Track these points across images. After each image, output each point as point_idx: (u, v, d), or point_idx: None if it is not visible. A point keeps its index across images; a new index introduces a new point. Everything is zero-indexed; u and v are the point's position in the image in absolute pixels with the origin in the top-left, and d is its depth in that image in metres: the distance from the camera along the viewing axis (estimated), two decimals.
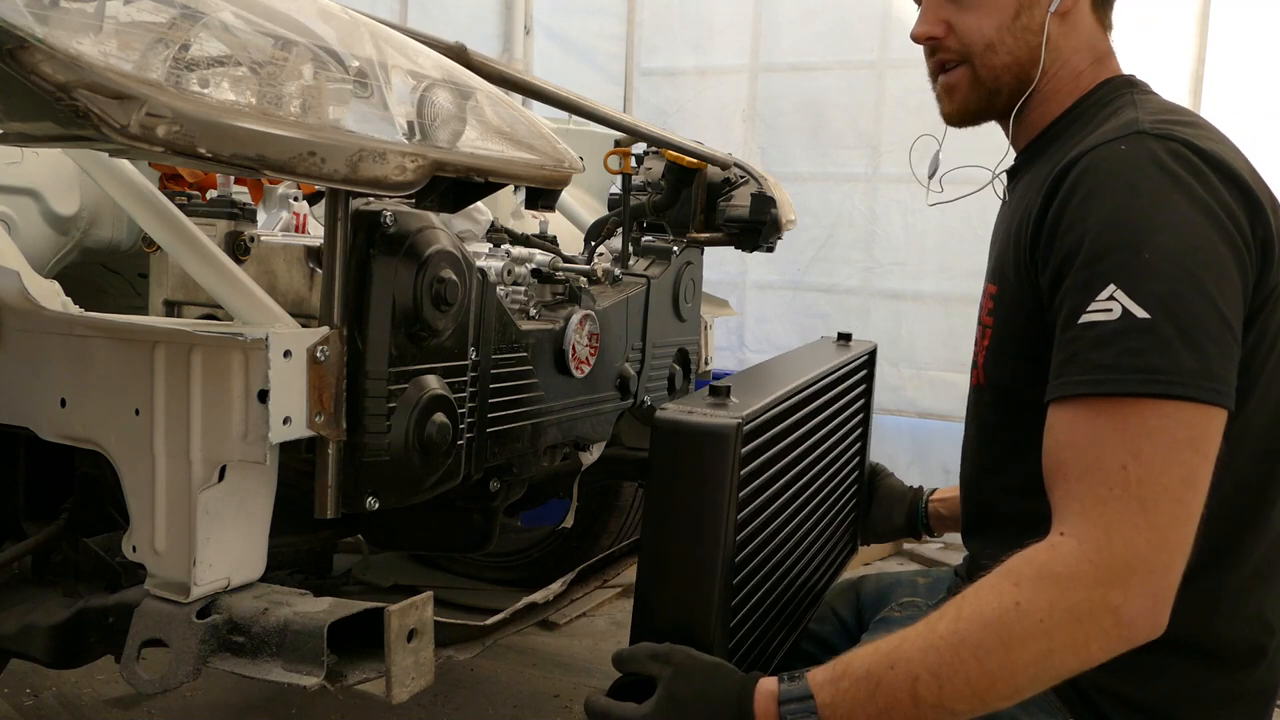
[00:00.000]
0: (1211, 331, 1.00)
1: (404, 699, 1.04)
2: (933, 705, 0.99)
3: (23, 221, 1.65)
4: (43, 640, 1.17)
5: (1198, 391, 0.98)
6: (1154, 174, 1.05)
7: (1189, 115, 1.19)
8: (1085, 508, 0.99)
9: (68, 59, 0.77)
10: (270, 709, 2.44)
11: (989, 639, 0.98)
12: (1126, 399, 0.99)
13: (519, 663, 2.75)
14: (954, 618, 1.00)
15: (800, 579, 1.44)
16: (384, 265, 1.13)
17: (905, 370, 4.14)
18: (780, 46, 4.35)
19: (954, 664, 0.98)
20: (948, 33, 1.29)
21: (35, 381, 1.12)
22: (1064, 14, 1.26)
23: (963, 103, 1.31)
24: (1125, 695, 1.15)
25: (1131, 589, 0.97)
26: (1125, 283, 1.01)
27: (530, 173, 1.17)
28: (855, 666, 1.02)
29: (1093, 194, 1.06)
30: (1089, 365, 1.02)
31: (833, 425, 1.54)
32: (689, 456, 1.12)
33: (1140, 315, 0.99)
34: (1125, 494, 0.97)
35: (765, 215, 2.12)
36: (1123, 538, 0.97)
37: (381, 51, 1.02)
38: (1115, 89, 1.26)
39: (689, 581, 1.13)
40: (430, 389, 1.18)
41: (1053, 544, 1.00)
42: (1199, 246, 1.02)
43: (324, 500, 1.09)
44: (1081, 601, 0.97)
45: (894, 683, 0.99)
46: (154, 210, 1.22)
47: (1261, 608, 1.15)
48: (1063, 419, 1.05)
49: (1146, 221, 1.02)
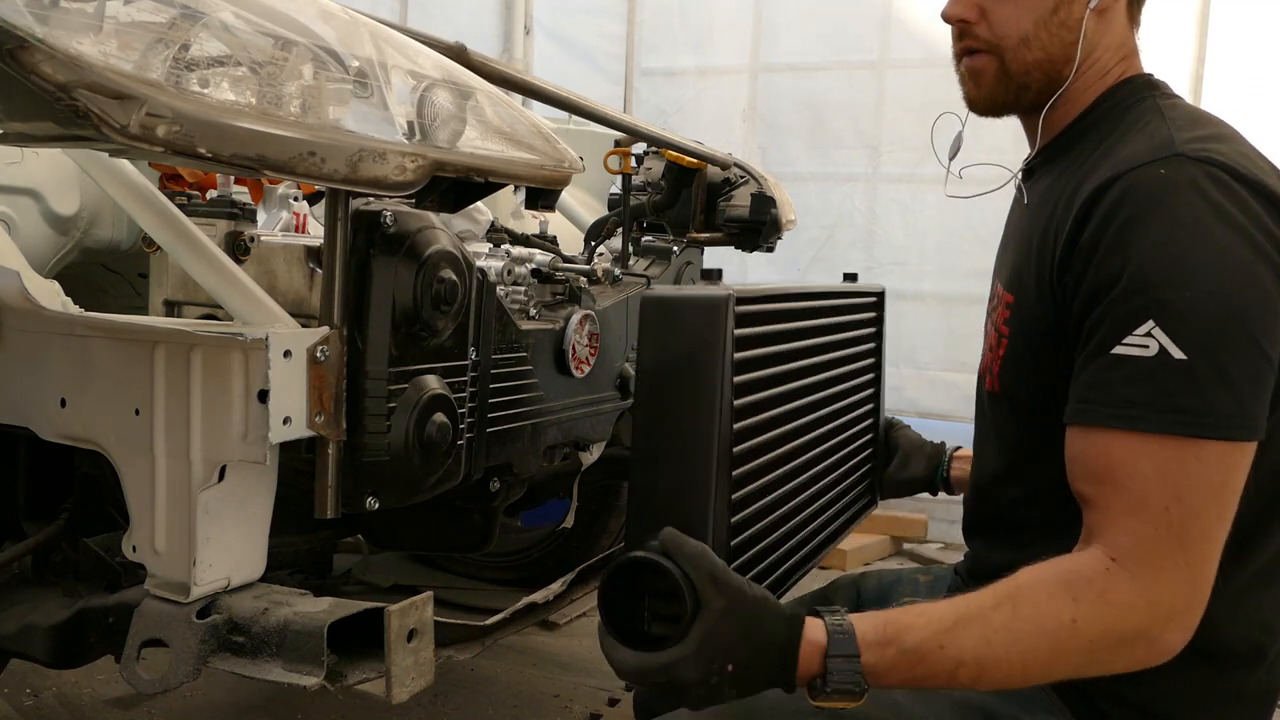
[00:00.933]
0: (1249, 370, 1.01)
1: (404, 699, 1.04)
2: (965, 684, 1.03)
3: (23, 221, 1.65)
4: (43, 640, 1.17)
5: (1230, 431, 1.01)
6: (1196, 203, 1.03)
7: (1217, 126, 1.16)
8: (1136, 543, 1.02)
9: (68, 59, 0.77)
10: (270, 709, 2.44)
11: (1041, 647, 1.01)
12: (1165, 438, 1.01)
13: (519, 663, 2.75)
14: (1010, 614, 1.02)
15: (810, 509, 1.41)
16: (384, 265, 1.12)
17: (905, 370, 4.14)
18: (780, 46, 4.35)
19: (1000, 660, 1.01)
20: (980, 18, 1.24)
21: (35, 381, 1.13)
22: (1102, 11, 1.22)
23: (989, 93, 1.27)
24: (1126, 695, 1.15)
25: (1172, 625, 1.02)
26: (1165, 321, 1.00)
27: (530, 173, 1.17)
28: (907, 639, 1.01)
29: (1133, 222, 1.05)
30: (1121, 400, 1.03)
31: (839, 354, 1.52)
32: (679, 329, 1.08)
33: (1177, 356, 1.00)
34: (1170, 535, 1.01)
35: (765, 215, 2.12)
36: (1169, 579, 1.01)
37: (381, 51, 1.02)
38: (1136, 90, 1.23)
39: (684, 463, 1.07)
40: (430, 389, 1.18)
41: (1109, 570, 1.02)
42: (1244, 283, 1.01)
43: (324, 500, 1.09)
44: (1129, 632, 1.02)
45: (939, 661, 1.01)
46: (154, 210, 1.22)
47: (1262, 610, 1.16)
48: (1095, 445, 1.06)
49: (1190, 256, 1.01)
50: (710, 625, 0.97)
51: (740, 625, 0.99)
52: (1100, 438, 1.05)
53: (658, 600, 1.01)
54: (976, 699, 1.19)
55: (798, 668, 1.00)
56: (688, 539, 1.01)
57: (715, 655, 0.98)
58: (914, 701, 1.19)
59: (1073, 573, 1.03)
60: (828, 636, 1.01)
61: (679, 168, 2.10)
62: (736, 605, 0.99)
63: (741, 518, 1.15)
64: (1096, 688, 1.15)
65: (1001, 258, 1.35)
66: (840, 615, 1.03)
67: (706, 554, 1.00)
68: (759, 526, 1.22)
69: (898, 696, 1.20)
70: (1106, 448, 1.05)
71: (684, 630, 0.97)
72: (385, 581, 2.95)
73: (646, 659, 0.99)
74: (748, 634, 0.99)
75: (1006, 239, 1.36)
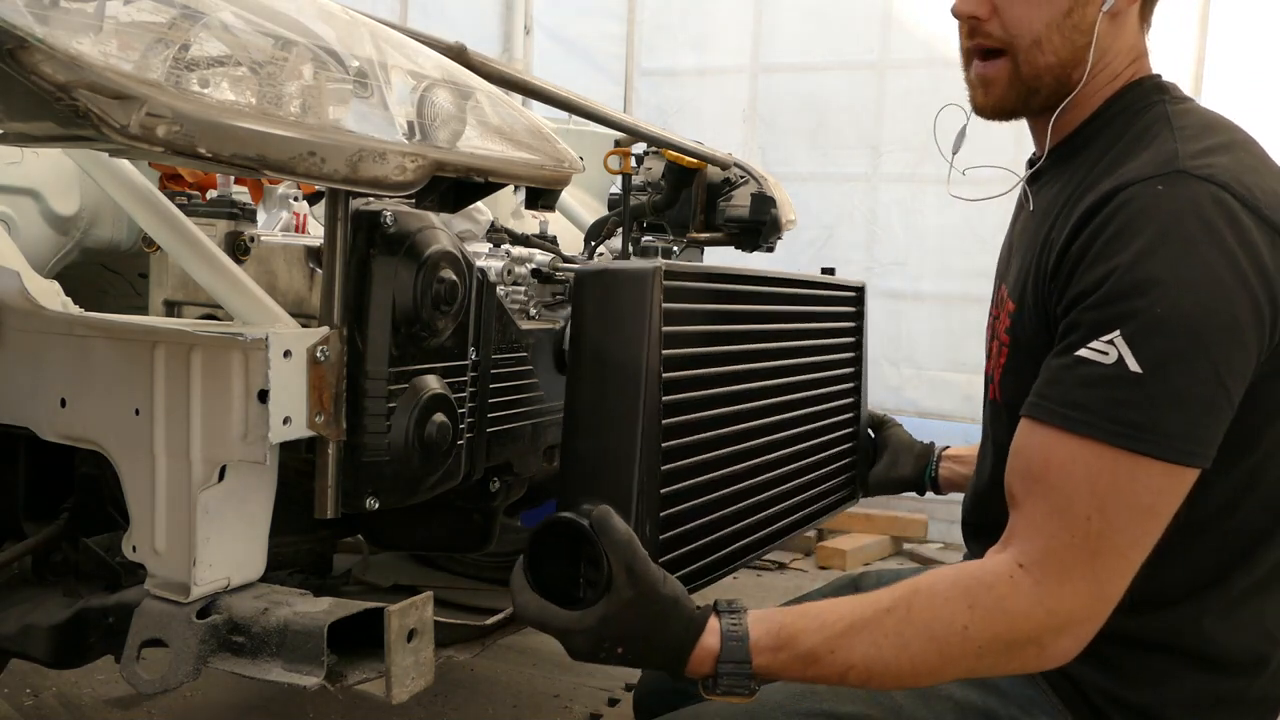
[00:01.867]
0: (1204, 396, 1.01)
1: (404, 699, 1.04)
2: (856, 685, 1.08)
3: (23, 221, 1.65)
4: (43, 640, 1.17)
5: (1169, 453, 1.01)
6: (1189, 223, 1.02)
7: (1229, 133, 1.14)
8: (1048, 548, 1.03)
9: (68, 59, 0.77)
10: (270, 709, 2.44)
11: (929, 653, 1.03)
12: (1104, 445, 1.01)
13: (519, 663, 2.75)
14: (903, 619, 1.04)
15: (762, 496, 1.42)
16: (384, 265, 1.12)
17: (905, 370, 4.14)
18: (780, 46, 4.35)
19: (889, 664, 1.03)
20: (991, 15, 1.20)
21: (35, 381, 1.12)
22: (1115, 14, 1.19)
23: (999, 99, 1.24)
24: (1128, 701, 1.15)
25: (1065, 635, 1.05)
26: (1129, 332, 1.01)
27: (530, 173, 1.16)
28: (800, 644, 1.04)
29: (1121, 234, 1.04)
30: (1070, 400, 1.04)
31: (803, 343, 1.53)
32: (610, 300, 1.12)
33: (1133, 369, 1.00)
34: (1084, 546, 1.02)
35: (765, 215, 2.13)
36: (1072, 589, 1.02)
37: (381, 51, 1.02)
38: (1145, 93, 1.21)
39: (610, 430, 1.11)
40: (430, 389, 1.18)
41: (1013, 577, 1.04)
42: (1217, 310, 1.00)
43: (324, 500, 1.09)
44: (1020, 638, 1.04)
45: (830, 665, 1.04)
46: (154, 210, 1.22)
47: (1264, 619, 1.15)
48: (1036, 438, 1.07)
49: (1169, 274, 1.01)
50: (613, 611, 1.02)
51: (641, 619, 1.03)
52: (1042, 434, 1.06)
53: (585, 562, 1.06)
54: (978, 700, 1.20)
55: (687, 666, 1.04)
56: (617, 523, 1.04)
57: (609, 637, 1.03)
58: (915, 703, 1.20)
59: (974, 579, 1.05)
60: (721, 643, 1.04)
61: (679, 168, 2.10)
62: (643, 600, 1.02)
63: (674, 490, 1.18)
64: (1099, 691, 1.15)
65: (1006, 262, 1.34)
66: (739, 619, 1.06)
67: (631, 543, 1.03)
68: (696, 503, 1.23)
69: (898, 698, 1.20)
70: (1046, 445, 1.06)
71: (588, 605, 1.02)
72: (385, 581, 2.95)
73: (547, 613, 1.04)
74: (646, 628, 1.03)
75: (1011, 243, 1.34)
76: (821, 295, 1.64)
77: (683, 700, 1.38)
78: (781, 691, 1.25)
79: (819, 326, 1.61)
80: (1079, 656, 1.16)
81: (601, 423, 1.12)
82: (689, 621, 1.05)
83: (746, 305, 1.36)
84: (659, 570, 1.05)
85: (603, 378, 1.12)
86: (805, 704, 1.22)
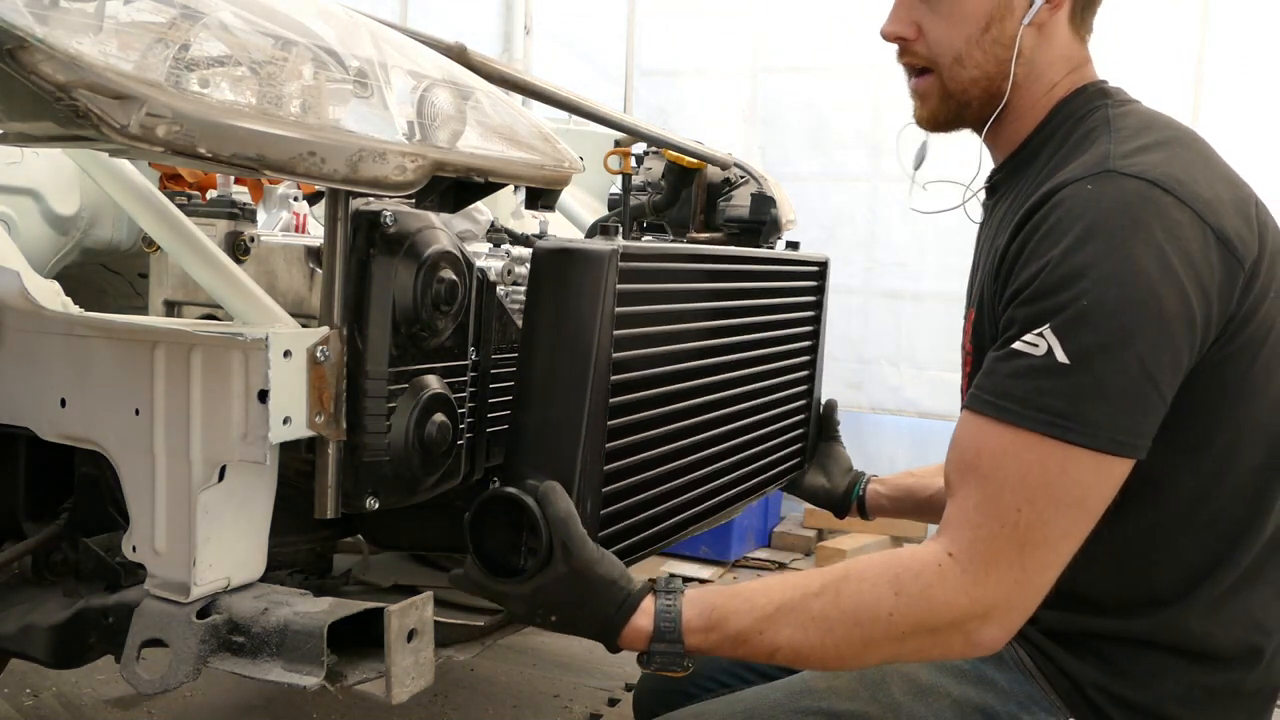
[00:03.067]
0: (1129, 387, 1.02)
1: (404, 699, 1.04)
2: (785, 664, 1.11)
3: (23, 221, 1.65)
4: (43, 640, 1.17)
5: (1095, 442, 1.02)
6: (1115, 218, 1.05)
7: (1167, 131, 1.16)
8: (976, 537, 1.05)
9: (68, 59, 0.77)
10: (270, 709, 2.44)
11: (854, 636, 1.06)
12: (1032, 434, 1.03)
13: (519, 663, 2.75)
14: (831, 602, 1.07)
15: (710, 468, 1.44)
16: (384, 265, 1.12)
17: (905, 370, 4.14)
18: (780, 47, 4.35)
19: (815, 646, 1.07)
20: (918, 35, 1.25)
21: (35, 381, 1.12)
22: (1039, 25, 1.21)
23: (933, 112, 1.29)
24: (1126, 697, 1.15)
25: (990, 622, 1.05)
26: (1058, 325, 1.03)
27: (530, 173, 1.17)
28: (730, 625, 1.08)
29: (1052, 232, 1.07)
30: (1001, 391, 1.06)
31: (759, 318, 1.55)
32: (565, 279, 1.14)
33: (1060, 360, 1.02)
34: (1013, 536, 1.04)
35: (765, 215, 2.13)
36: (998, 579, 1.04)
37: (381, 51, 1.02)
38: (1089, 99, 1.23)
39: (557, 405, 1.13)
40: (430, 389, 1.18)
41: (940, 564, 1.06)
42: (1143, 301, 1.02)
43: (324, 500, 1.09)
44: (944, 626, 1.05)
45: (758, 645, 1.08)
46: (154, 210, 1.22)
47: (1252, 609, 1.16)
48: (970, 429, 1.09)
49: (1096, 268, 1.03)
50: (548, 582, 1.08)
51: (574, 593, 1.08)
52: (976, 424, 1.09)
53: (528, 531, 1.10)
54: (976, 698, 1.20)
55: (619, 640, 1.10)
56: (560, 500, 1.08)
57: (542, 606, 1.09)
58: (914, 701, 1.20)
59: (902, 565, 1.07)
60: (655, 623, 1.08)
61: (679, 168, 2.11)
62: (576, 576, 1.08)
63: (617, 468, 1.20)
64: (1097, 688, 1.16)
65: (970, 275, 1.37)
66: (674, 599, 1.09)
67: (570, 520, 1.08)
68: (639, 479, 1.25)
69: (896, 695, 1.21)
70: (979, 436, 1.08)
71: (526, 576, 1.08)
72: (385, 581, 2.95)
73: (485, 581, 1.11)
74: (578, 603, 1.09)
75: (975, 257, 1.37)
76: (783, 271, 1.66)
77: (683, 700, 1.38)
78: (781, 690, 1.26)
79: (779, 301, 1.64)
80: (1076, 653, 1.17)
81: (549, 398, 1.14)
82: (623, 600, 1.09)
83: (706, 284, 1.38)
84: (596, 549, 1.09)
85: (554, 354, 1.14)
86: (804, 702, 1.22)
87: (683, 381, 1.35)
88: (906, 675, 1.22)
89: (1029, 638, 1.20)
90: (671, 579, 1.13)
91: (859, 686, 1.22)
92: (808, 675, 1.27)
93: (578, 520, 1.08)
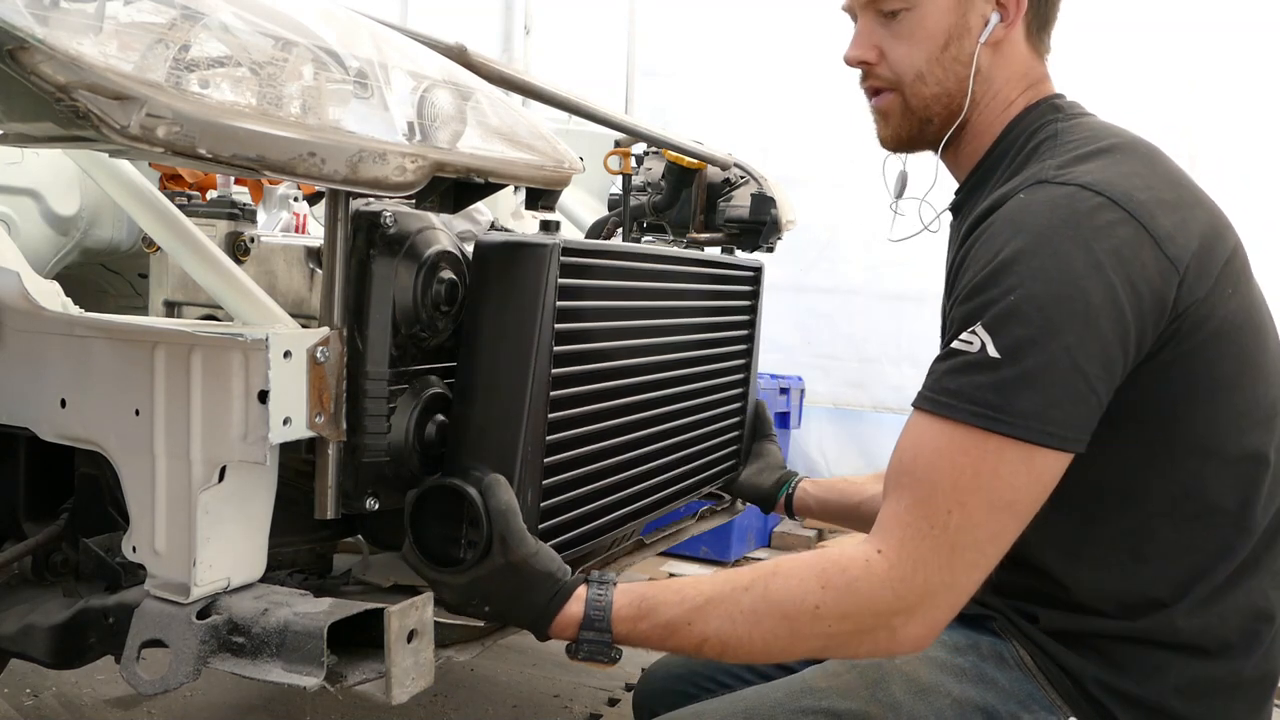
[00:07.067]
0: (1057, 379, 1.04)
1: (404, 699, 1.04)
2: (713, 657, 1.12)
3: (23, 221, 1.65)
4: (43, 640, 1.17)
5: (1025, 433, 1.04)
6: (1043, 218, 1.08)
7: (1111, 139, 1.18)
8: (906, 537, 1.07)
9: (68, 59, 0.77)
10: (270, 709, 2.44)
11: (780, 629, 1.08)
12: (965, 428, 1.05)
13: (519, 663, 2.75)
14: (760, 596, 1.09)
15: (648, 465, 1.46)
16: (384, 266, 1.13)
17: (906, 370, 4.14)
18: (780, 47, 4.34)
19: (742, 638, 1.08)
20: (880, 59, 1.29)
21: (35, 381, 1.12)
22: (995, 44, 1.26)
23: (896, 130, 1.33)
24: (1128, 692, 1.16)
25: (914, 618, 1.07)
26: (989, 321, 1.06)
27: (530, 173, 1.17)
28: (660, 615, 1.10)
29: (989, 241, 1.11)
30: (939, 387, 1.09)
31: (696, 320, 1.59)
32: (507, 273, 1.15)
33: (992, 354, 1.05)
34: (942, 537, 1.05)
35: (765, 215, 2.12)
36: (924, 575, 1.06)
37: (381, 52, 1.02)
38: (1040, 115, 1.26)
39: (498, 399, 1.14)
40: (430, 389, 1.18)
41: (868, 560, 1.07)
42: (1069, 296, 1.04)
43: (324, 500, 1.09)
44: (869, 621, 1.08)
45: (687, 636, 1.10)
46: (154, 210, 1.22)
47: (1251, 597, 1.17)
48: (910, 427, 1.12)
49: (1023, 265, 1.06)
50: (484, 573, 1.09)
51: (509, 585, 1.10)
52: (914, 421, 1.11)
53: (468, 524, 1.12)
54: (976, 697, 1.20)
55: (550, 630, 1.11)
56: (502, 494, 1.10)
57: (477, 595, 1.11)
58: (914, 700, 1.20)
59: (831, 561, 1.09)
60: (585, 611, 1.10)
61: (679, 168, 2.11)
62: (512, 568, 1.09)
63: (558, 461, 1.21)
64: (1097, 684, 1.16)
65: None
66: (605, 589, 1.11)
67: (509, 514, 1.09)
68: (579, 473, 1.27)
69: (898, 695, 1.21)
70: (917, 433, 1.10)
71: (464, 567, 1.10)
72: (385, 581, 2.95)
73: (422, 567, 1.13)
74: (513, 593, 1.10)
75: None
76: (719, 274, 1.71)
77: (683, 700, 1.38)
78: (781, 689, 1.26)
79: (715, 304, 1.68)
80: (1078, 651, 1.17)
81: (491, 391, 1.16)
82: (556, 591, 1.11)
83: (645, 282, 1.41)
84: (535, 542, 1.11)
85: (496, 347, 1.15)
86: (805, 701, 1.23)
87: (622, 377, 1.37)
88: (907, 674, 1.22)
89: (1030, 637, 1.21)
90: (605, 571, 1.16)
91: (859, 685, 1.23)
92: (808, 674, 1.27)
93: (519, 514, 1.10)
